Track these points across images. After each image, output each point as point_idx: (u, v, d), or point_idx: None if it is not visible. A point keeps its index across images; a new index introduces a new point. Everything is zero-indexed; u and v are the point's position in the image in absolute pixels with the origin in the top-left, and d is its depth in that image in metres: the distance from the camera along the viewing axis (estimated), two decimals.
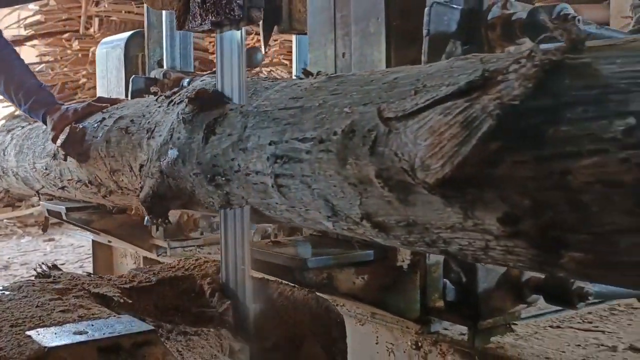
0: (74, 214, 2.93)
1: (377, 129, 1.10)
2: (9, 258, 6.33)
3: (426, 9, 1.39)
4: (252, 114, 1.45)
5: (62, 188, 2.58)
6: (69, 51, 8.11)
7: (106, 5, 8.02)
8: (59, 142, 2.21)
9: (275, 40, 6.44)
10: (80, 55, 7.96)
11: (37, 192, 2.95)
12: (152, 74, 2.77)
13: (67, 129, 2.19)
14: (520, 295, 1.55)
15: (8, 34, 9.63)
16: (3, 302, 1.36)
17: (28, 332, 1.16)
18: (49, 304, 1.34)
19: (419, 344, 1.78)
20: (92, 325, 1.19)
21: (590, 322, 1.84)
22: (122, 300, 1.45)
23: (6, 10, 10.22)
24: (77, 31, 8.10)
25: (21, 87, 2.39)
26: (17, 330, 1.19)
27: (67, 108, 2.36)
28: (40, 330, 1.17)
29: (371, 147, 1.10)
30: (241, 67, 1.50)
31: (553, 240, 0.90)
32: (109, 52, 3.07)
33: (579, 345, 1.64)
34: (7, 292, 1.43)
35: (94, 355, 1.11)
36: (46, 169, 2.60)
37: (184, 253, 2.88)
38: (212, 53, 6.94)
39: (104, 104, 2.28)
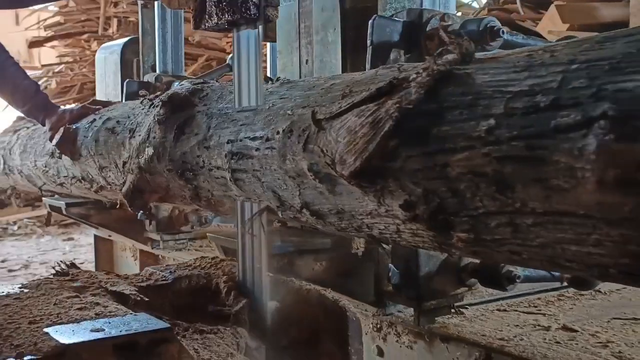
0: (73, 209, 3.10)
1: (309, 128, 1.26)
2: (28, 257, 6.49)
3: (370, 22, 1.55)
4: (216, 116, 1.61)
5: (61, 184, 2.75)
6: (87, 52, 8.25)
7: (124, 6, 8.17)
8: (54, 141, 2.39)
9: None
10: None
11: (40, 188, 3.12)
12: (146, 78, 2.93)
13: (61, 129, 2.36)
14: (460, 279, 1.71)
15: (28, 35, 9.78)
16: (22, 299, 1.37)
17: (46, 329, 1.16)
18: (66, 302, 1.34)
19: (379, 325, 1.93)
20: (109, 322, 1.19)
21: (536, 307, 1.98)
22: (138, 298, 1.46)
23: (26, 11, 10.33)
24: (96, 32, 8.25)
25: (19, 91, 2.56)
26: (35, 327, 1.19)
27: (63, 110, 2.54)
28: (58, 327, 1.18)
29: (304, 144, 1.26)
30: (258, 65, 1.50)
31: (442, 222, 1.05)
32: (107, 57, 3.25)
33: (517, 325, 1.78)
34: (25, 290, 1.43)
35: (110, 352, 1.12)
36: (46, 166, 2.78)
37: (176, 245, 3.04)
38: (229, 53, 6.84)
39: (96, 107, 2.45)
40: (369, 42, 1.55)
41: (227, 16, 1.43)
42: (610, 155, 0.79)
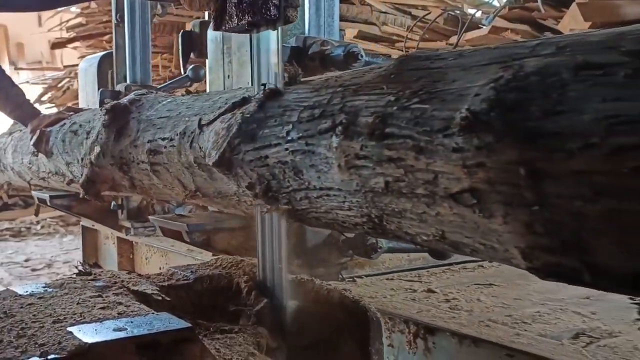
0: (56, 200, 3.51)
1: (195, 131, 1.66)
2: (51, 256, 6.62)
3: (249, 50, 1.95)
4: (143, 121, 2.02)
5: (43, 179, 3.17)
6: None
7: None
8: (32, 141, 2.80)
9: None
10: None
11: (29, 182, 3.54)
12: (118, 88, 3.34)
13: (38, 131, 2.77)
14: (340, 251, 2.10)
15: (51, 37, 9.92)
16: (46, 298, 1.37)
17: (69, 328, 1.16)
18: (89, 301, 1.35)
19: None
20: (132, 322, 1.19)
21: (420, 277, 2.37)
22: (160, 298, 1.46)
23: (49, 13, 10.47)
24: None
25: (10, 98, 2.98)
26: (59, 326, 1.19)
27: (43, 115, 2.95)
28: (81, 326, 1.18)
29: (190, 143, 1.66)
30: (279, 67, 1.49)
31: (272, 198, 1.45)
32: (87, 69, 3.67)
33: (392, 289, 2.18)
34: (49, 289, 1.44)
35: (133, 351, 1.11)
36: (30, 163, 3.19)
37: (145, 232, 3.45)
38: None
39: (70, 113, 2.87)
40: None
41: (247, 17, 1.42)
42: (343, 149, 1.19)
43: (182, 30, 2.78)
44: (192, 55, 2.58)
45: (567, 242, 0.88)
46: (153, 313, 1.25)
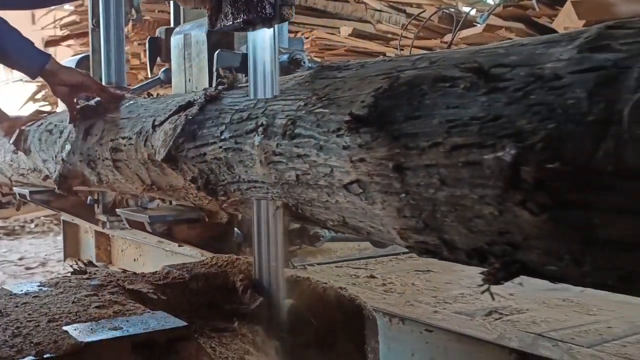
0: (36, 195, 3.66)
1: (149, 131, 1.83)
2: (46, 255, 6.49)
3: (215, 54, 2.12)
4: (108, 122, 2.18)
5: (22, 175, 3.32)
6: None
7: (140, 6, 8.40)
8: (11, 140, 2.96)
9: (307, 38, 6.30)
10: None
11: (9, 178, 3.69)
12: None
13: (17, 131, 2.93)
14: (290, 240, 2.27)
15: (45, 34, 9.80)
16: (41, 297, 1.35)
17: (65, 327, 1.15)
18: (85, 300, 1.33)
19: None
20: (127, 321, 1.18)
21: (366, 265, 2.55)
22: (155, 297, 1.44)
23: (42, 11, 10.33)
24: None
25: None
26: (54, 325, 1.18)
27: (15, 117, 3.13)
28: (77, 325, 1.16)
29: (145, 141, 1.83)
30: (274, 65, 1.45)
31: (211, 190, 1.62)
32: None
33: (338, 275, 2.35)
34: (44, 288, 1.42)
35: (129, 350, 1.10)
36: (11, 160, 3.35)
37: (120, 225, 3.60)
38: None
39: (43, 114, 3.03)
40: (215, 68, 2.12)
41: (242, 15, 1.40)
42: (263, 147, 1.36)
43: (150, 37, 2.95)
44: (158, 59, 2.75)
45: (427, 223, 1.06)
46: (149, 312, 1.23)
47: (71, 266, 1.72)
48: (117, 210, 2.82)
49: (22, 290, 1.41)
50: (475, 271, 2.27)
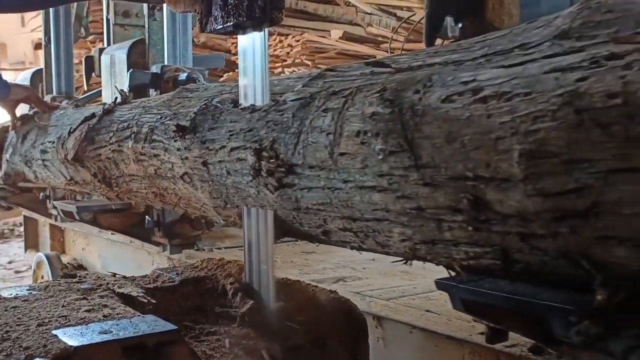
0: None
1: (65, 136, 2.23)
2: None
3: (128, 73, 2.53)
4: (42, 128, 2.58)
5: None
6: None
7: None
8: None
9: (297, 41, 6.26)
10: None
11: None
12: (46, 99, 3.89)
13: None
14: (192, 226, 2.69)
15: (34, 37, 9.48)
16: (30, 301, 1.34)
17: (54, 331, 1.14)
18: (74, 304, 1.31)
19: (171, 262, 2.91)
20: (117, 324, 1.16)
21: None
22: (145, 300, 1.42)
23: (32, 13, 9.75)
24: (101, 33, 8.21)
25: None
26: (44, 329, 1.16)
27: None
28: (66, 329, 1.15)
29: (62, 145, 2.23)
30: (264, 68, 1.42)
31: (108, 183, 2.03)
32: (22, 82, 4.21)
33: (236, 256, 2.76)
34: (34, 292, 1.40)
35: (119, 354, 1.08)
36: None
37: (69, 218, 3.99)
38: (235, 54, 6.30)
39: None
40: (127, 85, 2.53)
41: (232, 19, 1.39)
42: (134, 149, 1.77)
43: (86, 56, 3.35)
44: (93, 74, 3.16)
45: (226, 202, 1.47)
46: (139, 315, 1.22)
47: (61, 269, 1.76)
48: (54, 202, 3.22)
49: (11, 294, 1.39)
50: (345, 252, 2.68)
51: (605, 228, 0.78)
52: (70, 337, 1.10)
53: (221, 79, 6.52)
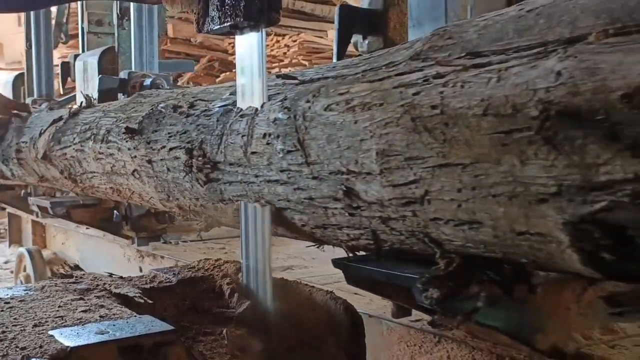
0: None
1: (37, 137, 2.41)
2: None
3: (97, 79, 2.71)
4: (17, 130, 2.76)
5: None
6: None
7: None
8: None
9: (294, 41, 6.34)
10: None
11: None
12: (27, 101, 4.06)
13: None
14: (157, 219, 2.87)
15: None
16: (26, 301, 1.33)
17: (51, 332, 1.13)
18: (71, 304, 1.30)
19: (139, 253, 3.09)
20: (114, 325, 1.15)
21: (228, 242, 3.14)
22: (142, 301, 1.40)
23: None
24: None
25: None
26: (40, 329, 1.15)
27: None
28: (63, 329, 1.14)
29: (34, 144, 2.41)
30: (261, 69, 1.40)
31: (73, 179, 2.21)
32: (4, 85, 4.39)
33: (199, 248, 2.95)
34: (30, 292, 1.39)
35: (115, 354, 1.08)
36: None
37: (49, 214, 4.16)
38: (232, 54, 6.59)
39: None
40: (97, 91, 2.71)
41: (229, 20, 1.37)
42: (93, 149, 1.96)
43: (62, 62, 3.52)
44: (69, 79, 3.34)
45: (168, 195, 1.66)
46: (135, 316, 1.21)
47: (58, 270, 1.68)
48: (29, 199, 3.39)
49: (7, 295, 1.38)
50: (300, 244, 2.86)
51: (435, 211, 0.98)
52: (67, 338, 1.09)
53: (218, 79, 6.67)
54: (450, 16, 1.36)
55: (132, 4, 2.91)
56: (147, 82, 2.67)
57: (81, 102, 2.28)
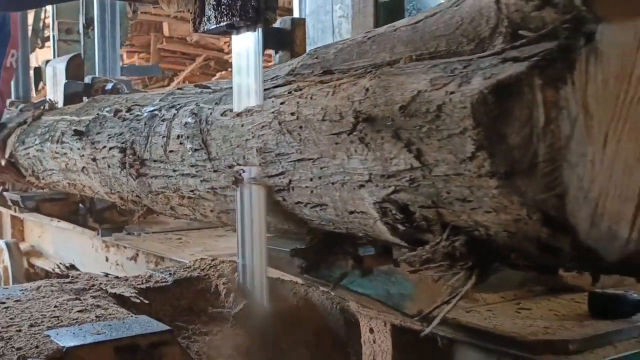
0: None
1: (5, 137, 2.62)
2: None
3: (63, 84, 2.93)
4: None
5: None
6: None
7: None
8: None
9: None
10: None
11: None
12: (7, 104, 4.26)
13: None
14: (119, 212, 3.08)
15: None
16: (22, 302, 1.32)
17: (47, 332, 1.12)
18: (67, 304, 1.29)
19: (104, 244, 3.30)
20: (110, 325, 1.14)
21: (187, 234, 3.36)
22: (138, 301, 1.39)
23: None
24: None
25: None
26: (36, 330, 1.14)
27: None
28: (59, 330, 1.13)
29: (3, 141, 2.62)
30: (258, 68, 1.38)
31: (36, 177, 2.42)
32: None
33: (159, 239, 3.16)
34: (26, 292, 1.38)
35: (111, 355, 1.07)
36: None
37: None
38: (228, 53, 6.59)
39: None
40: (62, 95, 2.92)
41: (225, 19, 1.36)
42: (51, 149, 2.17)
43: (34, 67, 3.73)
44: (41, 83, 3.54)
45: (111, 189, 1.88)
46: (131, 316, 1.20)
47: (52, 270, 1.68)
48: (4, 193, 3.60)
49: (3, 295, 1.36)
50: None
51: (297, 196, 1.20)
52: (63, 338, 1.08)
53: (213, 78, 6.68)
54: (336, 38, 1.59)
55: (96, 14, 3.13)
56: (109, 86, 2.88)
57: (43, 106, 2.49)
